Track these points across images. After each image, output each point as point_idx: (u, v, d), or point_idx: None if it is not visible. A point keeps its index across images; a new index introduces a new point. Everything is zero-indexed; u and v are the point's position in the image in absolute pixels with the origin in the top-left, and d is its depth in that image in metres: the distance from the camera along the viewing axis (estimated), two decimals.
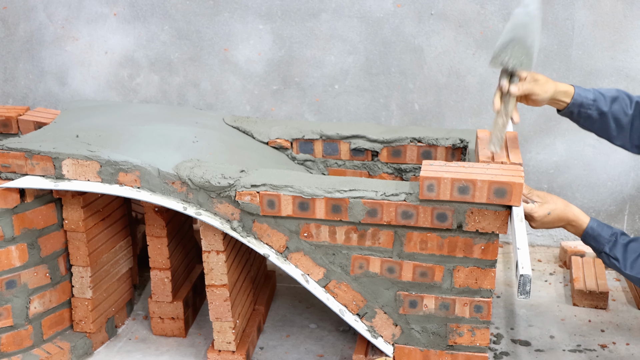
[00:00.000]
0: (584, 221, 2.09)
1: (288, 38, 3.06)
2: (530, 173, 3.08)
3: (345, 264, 2.14)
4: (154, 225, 2.40)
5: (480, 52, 2.95)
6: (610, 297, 2.80)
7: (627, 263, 2.05)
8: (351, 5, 2.97)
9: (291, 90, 3.14)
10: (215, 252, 2.20)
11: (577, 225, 2.10)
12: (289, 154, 2.59)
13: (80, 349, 2.40)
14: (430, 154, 2.49)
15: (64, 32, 3.21)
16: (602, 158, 3.02)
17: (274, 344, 2.50)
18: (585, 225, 2.09)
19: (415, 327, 2.17)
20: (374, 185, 2.06)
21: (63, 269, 2.36)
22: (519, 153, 2.12)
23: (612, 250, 2.07)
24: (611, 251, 2.07)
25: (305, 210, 2.08)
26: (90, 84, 3.27)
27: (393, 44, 2.99)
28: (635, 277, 2.05)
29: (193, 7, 3.07)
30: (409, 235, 2.06)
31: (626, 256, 2.05)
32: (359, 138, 2.53)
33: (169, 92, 3.22)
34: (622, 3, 2.80)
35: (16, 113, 2.64)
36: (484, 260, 2.04)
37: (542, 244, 3.20)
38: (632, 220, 3.10)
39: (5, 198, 2.15)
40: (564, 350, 2.47)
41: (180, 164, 2.18)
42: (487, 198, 1.94)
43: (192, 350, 2.48)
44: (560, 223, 2.09)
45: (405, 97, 3.06)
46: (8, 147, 2.22)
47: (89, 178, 2.20)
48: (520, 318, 2.66)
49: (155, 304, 2.52)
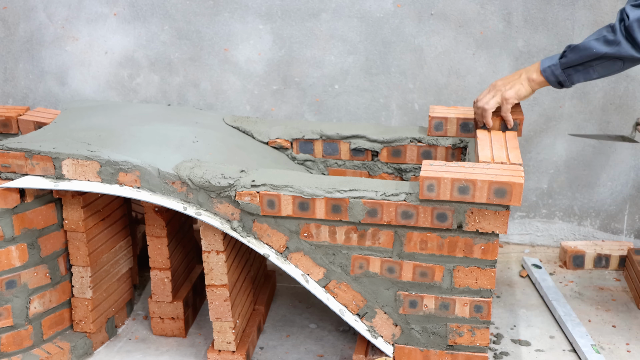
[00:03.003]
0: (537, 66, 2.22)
1: (288, 38, 3.06)
2: (530, 173, 3.08)
3: (345, 264, 2.14)
4: (154, 225, 2.40)
5: (480, 52, 2.95)
6: (610, 297, 2.80)
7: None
8: (351, 5, 2.97)
9: (291, 90, 3.14)
10: (215, 252, 2.20)
11: (533, 68, 2.23)
12: (289, 154, 2.59)
13: (80, 349, 2.40)
14: (430, 154, 2.49)
15: (64, 32, 3.21)
16: (602, 158, 3.02)
17: (274, 344, 2.50)
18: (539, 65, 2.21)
19: (415, 327, 2.17)
20: (374, 185, 2.06)
21: (63, 269, 2.36)
22: (519, 153, 2.12)
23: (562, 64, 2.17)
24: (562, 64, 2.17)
25: (305, 210, 2.08)
26: (90, 84, 3.27)
27: (393, 44, 2.99)
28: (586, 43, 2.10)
29: (193, 7, 3.07)
30: (409, 235, 2.06)
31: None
32: (359, 138, 2.53)
33: (169, 92, 3.22)
34: (622, 3, 2.79)
35: (16, 113, 2.64)
36: (484, 260, 2.05)
37: (542, 244, 3.20)
38: (632, 220, 3.10)
39: (5, 198, 2.15)
40: (564, 350, 2.47)
41: (180, 164, 2.18)
42: (487, 198, 1.94)
43: (192, 350, 2.48)
44: (517, 76, 2.25)
45: (405, 97, 3.06)
46: (8, 147, 2.22)
47: (89, 178, 2.20)
48: (520, 318, 2.66)
49: (155, 304, 2.52)
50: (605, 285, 2.89)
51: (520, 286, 2.89)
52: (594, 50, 2.08)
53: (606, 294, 2.83)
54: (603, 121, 2.96)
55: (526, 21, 2.87)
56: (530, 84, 2.24)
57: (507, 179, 1.92)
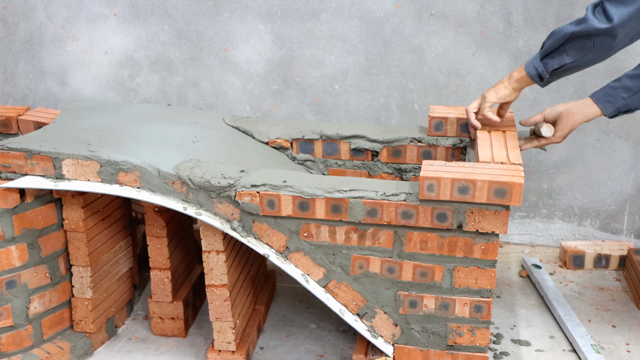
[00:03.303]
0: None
1: (288, 38, 3.06)
2: (530, 173, 3.08)
3: (345, 264, 2.14)
4: (154, 225, 2.40)
5: (480, 52, 2.95)
6: (610, 297, 2.80)
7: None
8: (351, 5, 2.97)
9: (291, 90, 3.14)
10: (215, 252, 2.20)
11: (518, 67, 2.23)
12: (289, 154, 2.59)
13: (80, 349, 2.40)
14: (430, 154, 2.49)
15: (64, 32, 3.21)
16: (602, 158, 3.02)
17: (274, 344, 2.50)
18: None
19: (415, 327, 2.17)
20: (374, 185, 2.06)
21: (63, 269, 2.36)
22: (519, 153, 2.12)
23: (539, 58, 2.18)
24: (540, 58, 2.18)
25: (305, 210, 2.08)
26: (90, 84, 3.27)
27: (393, 44, 2.99)
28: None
29: (193, 7, 3.07)
30: (409, 235, 2.06)
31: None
32: (359, 138, 2.53)
33: (169, 92, 3.22)
34: None
35: (16, 113, 2.64)
36: (484, 260, 2.05)
37: (542, 244, 3.20)
38: (632, 220, 3.10)
39: (5, 198, 2.15)
40: (564, 350, 2.47)
41: (180, 164, 2.18)
42: (487, 198, 1.94)
43: (192, 350, 2.48)
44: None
45: (405, 97, 3.06)
46: (8, 147, 2.22)
47: (89, 178, 2.20)
48: (520, 318, 2.66)
49: (155, 304, 2.52)
50: (605, 285, 2.89)
51: (520, 286, 2.89)
52: (564, 31, 2.08)
53: (606, 294, 2.83)
54: (603, 121, 2.96)
55: (526, 21, 2.87)
56: (511, 82, 2.24)
57: (507, 179, 1.92)
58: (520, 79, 2.22)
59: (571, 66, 2.13)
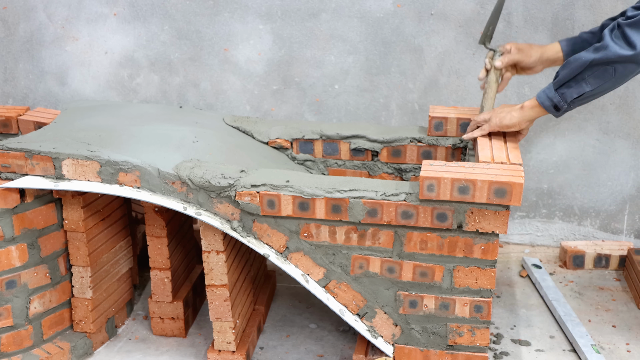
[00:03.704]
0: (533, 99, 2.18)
1: (288, 38, 3.06)
2: (530, 173, 3.08)
3: (345, 264, 2.14)
4: (154, 225, 2.40)
5: (480, 52, 2.95)
6: (610, 297, 2.80)
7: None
8: (351, 5, 2.97)
9: (291, 90, 3.14)
10: (215, 252, 2.20)
11: (530, 103, 2.18)
12: (289, 154, 2.59)
13: (80, 349, 2.40)
14: (430, 154, 2.49)
15: (64, 32, 3.21)
16: (602, 158, 3.02)
17: (274, 344, 2.50)
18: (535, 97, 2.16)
19: (415, 327, 2.17)
20: (374, 185, 2.06)
21: (63, 269, 2.36)
22: (519, 153, 2.12)
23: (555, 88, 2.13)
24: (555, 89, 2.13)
25: (305, 210, 2.08)
26: (90, 84, 3.27)
27: (393, 44, 2.99)
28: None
29: (193, 7, 3.07)
30: (409, 235, 2.06)
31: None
32: (359, 138, 2.53)
33: (169, 92, 3.22)
34: (622, 3, 2.80)
35: (16, 113, 2.64)
36: (484, 260, 2.05)
37: (542, 244, 3.20)
38: (632, 220, 3.10)
39: (5, 198, 2.15)
40: (564, 350, 2.47)
41: (180, 164, 2.18)
42: (487, 198, 1.94)
43: (192, 350, 2.48)
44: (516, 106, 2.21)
45: (405, 97, 3.06)
46: (8, 147, 2.22)
47: (89, 178, 2.20)
48: (520, 318, 2.66)
49: (155, 304, 2.52)
50: (605, 285, 2.89)
51: (520, 286, 2.89)
52: (583, 59, 2.02)
53: (606, 294, 2.83)
54: (603, 121, 2.96)
55: (526, 21, 2.87)
56: (522, 112, 2.17)
57: (507, 179, 1.92)
58: (533, 107, 2.15)
59: (590, 94, 2.07)
